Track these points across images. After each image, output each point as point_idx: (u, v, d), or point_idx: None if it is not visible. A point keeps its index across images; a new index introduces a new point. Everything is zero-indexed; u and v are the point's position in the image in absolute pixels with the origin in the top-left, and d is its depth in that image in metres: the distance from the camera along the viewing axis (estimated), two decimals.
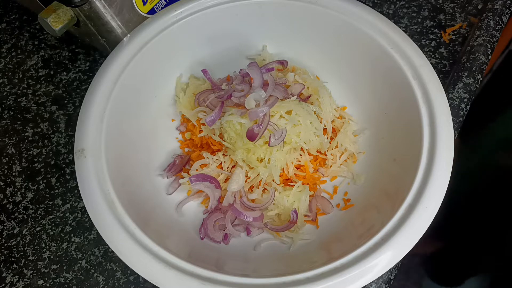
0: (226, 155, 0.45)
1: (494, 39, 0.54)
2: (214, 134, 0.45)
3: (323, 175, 0.47)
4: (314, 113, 0.45)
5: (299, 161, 0.45)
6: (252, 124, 0.41)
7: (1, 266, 0.46)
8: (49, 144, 0.52)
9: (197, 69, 0.50)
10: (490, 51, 0.53)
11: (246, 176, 0.44)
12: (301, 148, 0.45)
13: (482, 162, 0.90)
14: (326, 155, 0.46)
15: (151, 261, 0.35)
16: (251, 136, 0.41)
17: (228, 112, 0.43)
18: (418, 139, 0.39)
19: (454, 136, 0.39)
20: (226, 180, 0.45)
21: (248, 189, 0.45)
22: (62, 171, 0.51)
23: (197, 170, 0.45)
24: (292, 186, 0.45)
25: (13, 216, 0.48)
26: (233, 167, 0.45)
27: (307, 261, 0.39)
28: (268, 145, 0.41)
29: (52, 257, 0.46)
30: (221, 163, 0.45)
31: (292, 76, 0.47)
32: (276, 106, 0.42)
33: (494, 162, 0.88)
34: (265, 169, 0.43)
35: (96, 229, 0.36)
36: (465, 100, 0.51)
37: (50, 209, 0.49)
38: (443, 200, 0.36)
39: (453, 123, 0.39)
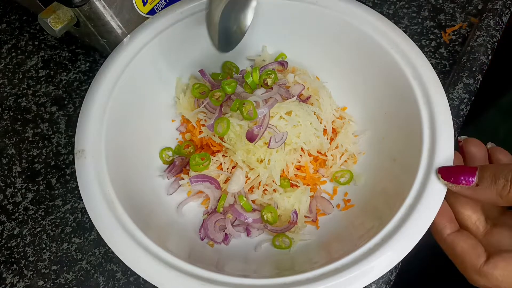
0: (226, 156, 0.45)
1: (494, 39, 0.54)
2: (214, 135, 0.45)
3: (323, 175, 0.47)
4: (314, 113, 0.45)
5: (299, 162, 0.45)
6: (252, 125, 0.42)
7: (1, 266, 0.46)
8: (49, 144, 0.52)
9: (197, 70, 0.50)
10: (490, 51, 0.53)
11: (246, 177, 0.44)
12: (301, 149, 0.45)
13: None
14: (326, 156, 0.46)
15: (151, 262, 0.35)
16: (251, 137, 0.41)
17: (228, 114, 0.43)
18: (418, 139, 0.39)
19: (454, 136, 0.39)
20: (226, 181, 0.45)
21: (248, 190, 0.45)
22: (62, 172, 0.51)
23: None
24: (293, 186, 0.45)
25: (13, 217, 0.48)
26: (233, 168, 0.45)
27: (308, 262, 0.39)
28: (268, 147, 0.41)
29: (52, 257, 0.46)
30: (221, 164, 0.45)
31: (292, 77, 0.47)
32: (276, 107, 0.42)
33: None
34: (265, 170, 0.43)
35: (96, 230, 0.36)
36: (465, 100, 0.51)
37: (50, 210, 0.49)
38: None
39: (453, 123, 0.39)
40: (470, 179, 0.34)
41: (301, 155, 0.45)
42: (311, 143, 0.44)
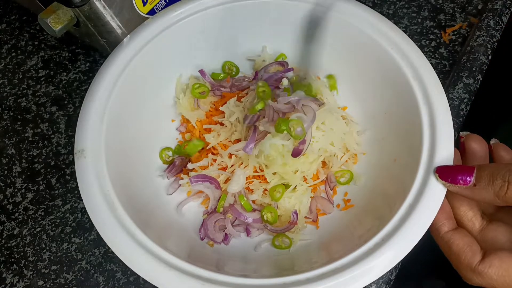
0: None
1: (494, 39, 0.54)
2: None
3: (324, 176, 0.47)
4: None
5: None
6: (297, 142, 0.41)
7: (1, 266, 0.46)
8: (49, 144, 0.52)
9: (197, 70, 0.50)
10: (490, 51, 0.53)
11: (249, 178, 0.44)
12: None
13: None
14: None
15: (151, 262, 0.35)
16: (297, 153, 0.41)
17: (268, 136, 0.42)
18: (418, 139, 0.39)
19: (454, 136, 0.39)
20: (227, 181, 0.45)
21: (248, 190, 0.45)
22: (62, 172, 0.51)
23: (196, 170, 0.45)
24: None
25: (13, 217, 0.48)
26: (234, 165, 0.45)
27: (307, 262, 0.39)
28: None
29: (52, 257, 0.46)
30: (224, 167, 0.45)
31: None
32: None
33: None
34: (296, 177, 0.43)
35: (96, 230, 0.36)
36: (465, 100, 0.51)
37: (50, 210, 0.49)
38: None
39: (453, 123, 0.39)
40: (467, 179, 0.34)
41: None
42: (341, 147, 0.44)
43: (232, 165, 0.45)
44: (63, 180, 0.50)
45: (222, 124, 0.47)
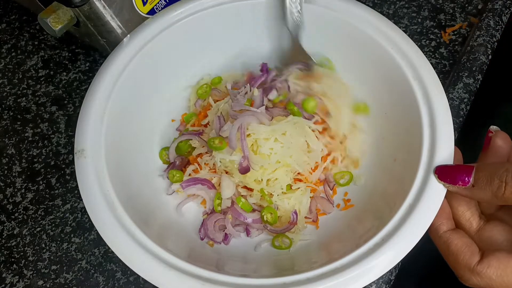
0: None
1: (494, 39, 0.54)
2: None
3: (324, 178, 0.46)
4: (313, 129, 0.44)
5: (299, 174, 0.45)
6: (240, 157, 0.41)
7: (1, 266, 0.46)
8: (49, 144, 0.52)
9: (197, 69, 0.50)
10: (490, 51, 0.53)
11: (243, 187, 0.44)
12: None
13: None
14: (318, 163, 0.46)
15: (151, 262, 0.35)
16: (245, 170, 0.41)
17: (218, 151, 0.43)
18: (418, 139, 0.39)
19: (454, 136, 0.39)
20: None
21: (247, 189, 0.45)
22: (62, 172, 0.51)
23: (190, 175, 0.45)
24: (296, 181, 0.44)
25: (13, 217, 0.48)
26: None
27: (307, 262, 0.39)
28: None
29: (52, 257, 0.46)
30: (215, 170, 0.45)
31: (316, 87, 0.46)
32: (271, 130, 0.42)
33: None
34: (266, 187, 0.43)
35: (96, 230, 0.36)
36: (465, 100, 0.51)
37: (50, 210, 0.49)
38: None
39: (453, 123, 0.39)
40: (466, 179, 0.34)
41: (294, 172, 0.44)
42: (304, 161, 0.43)
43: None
44: (63, 180, 0.50)
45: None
